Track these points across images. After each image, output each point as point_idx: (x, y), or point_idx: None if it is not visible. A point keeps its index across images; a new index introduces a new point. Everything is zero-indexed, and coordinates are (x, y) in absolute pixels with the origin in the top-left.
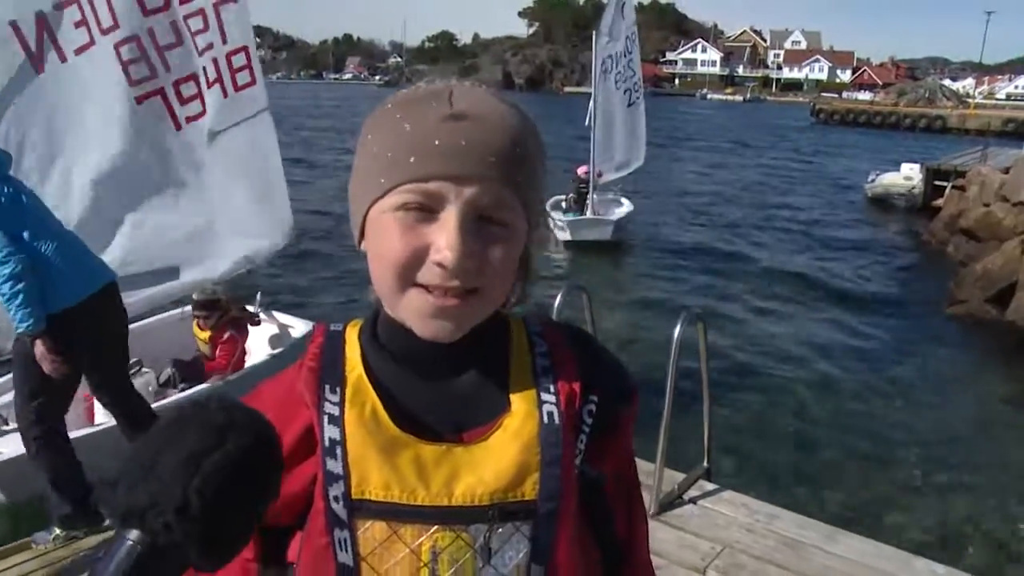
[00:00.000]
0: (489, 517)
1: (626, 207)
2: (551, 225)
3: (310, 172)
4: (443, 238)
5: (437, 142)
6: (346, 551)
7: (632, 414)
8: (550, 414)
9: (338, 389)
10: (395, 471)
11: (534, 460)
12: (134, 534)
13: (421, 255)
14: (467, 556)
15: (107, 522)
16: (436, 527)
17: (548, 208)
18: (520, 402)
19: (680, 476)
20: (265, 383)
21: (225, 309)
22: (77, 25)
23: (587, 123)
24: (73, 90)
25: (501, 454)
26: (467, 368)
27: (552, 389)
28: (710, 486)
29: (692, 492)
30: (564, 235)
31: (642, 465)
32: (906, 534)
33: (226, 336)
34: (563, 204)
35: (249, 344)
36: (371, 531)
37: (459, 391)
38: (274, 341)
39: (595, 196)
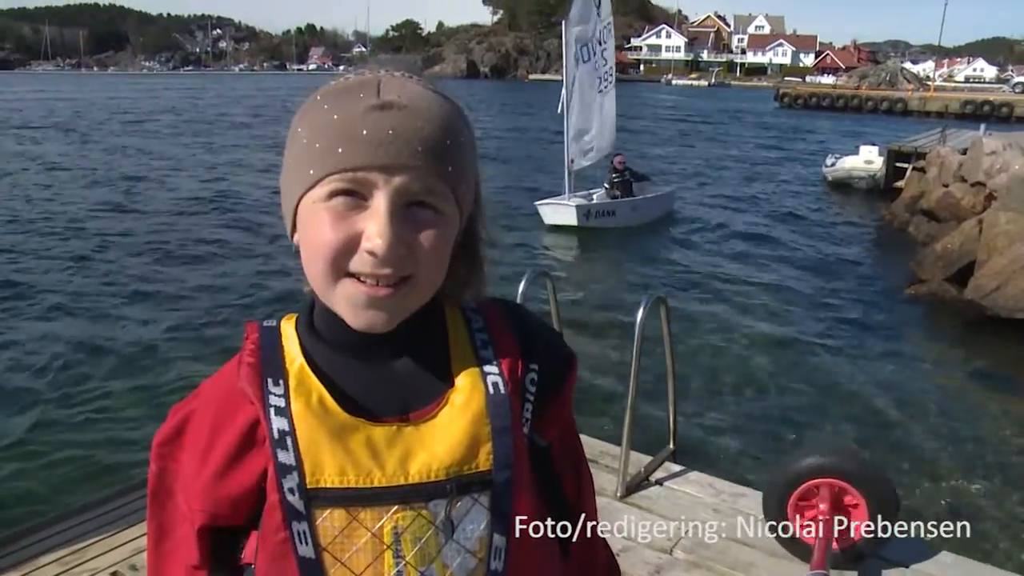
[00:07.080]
0: (448, 491)
1: (647, 194)
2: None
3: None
4: (373, 226)
5: (365, 132)
6: (306, 543)
7: (572, 381)
8: (495, 384)
9: (281, 381)
10: (349, 455)
11: (484, 431)
12: None
13: (352, 244)
14: (429, 533)
15: None
16: (396, 507)
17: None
18: (464, 376)
19: (646, 459)
20: (206, 382)
21: None
22: None
23: (559, 111)
24: None
25: (451, 428)
26: (407, 351)
27: (494, 360)
28: (676, 467)
29: (658, 474)
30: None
31: (608, 448)
32: None
33: None
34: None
35: None
36: (330, 519)
37: (402, 373)
38: None
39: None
